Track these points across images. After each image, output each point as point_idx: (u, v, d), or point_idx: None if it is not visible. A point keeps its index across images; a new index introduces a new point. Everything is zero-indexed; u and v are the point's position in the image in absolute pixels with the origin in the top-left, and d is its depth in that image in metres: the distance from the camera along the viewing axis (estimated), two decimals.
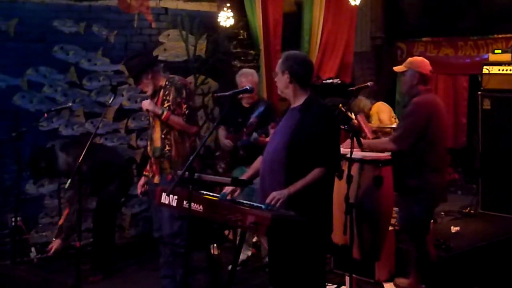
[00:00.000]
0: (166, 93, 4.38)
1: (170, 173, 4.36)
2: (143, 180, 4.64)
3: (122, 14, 6.07)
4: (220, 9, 6.57)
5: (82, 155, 4.09)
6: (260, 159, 3.64)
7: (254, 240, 5.67)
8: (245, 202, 3.43)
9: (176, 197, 3.52)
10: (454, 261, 4.96)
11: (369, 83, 4.51)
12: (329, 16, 7.28)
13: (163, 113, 4.29)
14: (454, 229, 5.65)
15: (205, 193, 3.54)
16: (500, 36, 7.65)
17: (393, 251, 4.78)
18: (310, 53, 7.15)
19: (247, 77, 5.22)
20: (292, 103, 3.55)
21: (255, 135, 4.94)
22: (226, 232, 6.01)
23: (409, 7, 8.69)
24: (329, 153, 3.37)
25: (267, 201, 3.24)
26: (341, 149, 3.57)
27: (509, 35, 7.54)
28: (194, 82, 6.56)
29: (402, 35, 8.74)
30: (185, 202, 3.38)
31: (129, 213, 6.21)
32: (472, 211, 6.42)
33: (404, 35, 8.72)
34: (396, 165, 4.37)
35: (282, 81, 3.50)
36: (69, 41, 5.76)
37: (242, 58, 6.93)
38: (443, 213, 6.23)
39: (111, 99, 4.41)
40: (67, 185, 4.24)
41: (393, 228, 4.82)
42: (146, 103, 4.34)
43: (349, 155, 4.02)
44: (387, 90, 8.71)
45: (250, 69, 5.68)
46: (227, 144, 5.28)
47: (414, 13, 8.67)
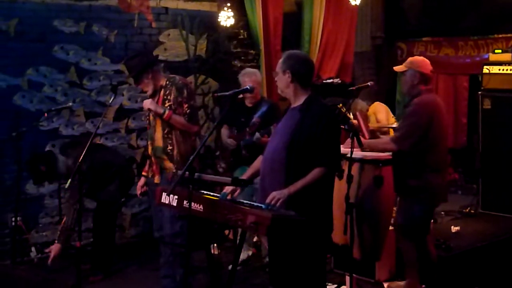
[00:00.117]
0: (167, 92, 4.37)
1: (171, 173, 4.36)
2: (142, 181, 4.63)
3: (122, 13, 6.06)
4: (220, 8, 6.57)
5: (82, 156, 4.08)
6: (260, 158, 3.64)
7: (254, 240, 5.67)
8: (245, 202, 3.43)
9: (176, 197, 3.52)
10: (454, 261, 4.96)
11: (369, 83, 4.51)
12: (330, 15, 7.28)
13: (165, 112, 4.28)
14: (454, 229, 5.65)
15: (205, 192, 3.54)
16: (500, 36, 7.65)
17: (394, 251, 4.77)
18: (310, 52, 7.15)
19: (250, 77, 5.22)
20: (292, 102, 3.54)
21: (257, 135, 4.93)
22: (226, 231, 6.01)
23: (409, 7, 8.70)
24: (330, 153, 3.37)
25: (267, 200, 3.24)
26: (341, 148, 3.57)
27: (509, 35, 7.54)
28: (194, 81, 6.56)
29: (402, 35, 8.74)
30: (185, 201, 3.38)
31: (129, 213, 6.21)
32: (472, 211, 6.43)
33: (404, 35, 8.72)
34: (396, 165, 4.36)
35: (283, 81, 3.50)
36: (69, 41, 5.76)
37: (242, 57, 6.93)
38: (443, 213, 6.23)
39: (111, 99, 4.40)
40: (67, 185, 4.23)
41: (393, 228, 4.81)
42: (147, 103, 4.33)
43: (349, 155, 4.02)
44: (387, 90, 8.71)
45: (252, 68, 5.67)
46: (230, 143, 5.27)
47: (414, 13, 8.67)
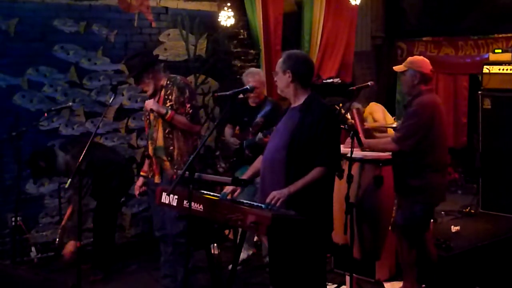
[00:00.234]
0: (168, 92, 4.37)
1: (171, 173, 4.35)
2: (140, 181, 4.63)
3: (122, 13, 6.06)
4: (220, 8, 6.57)
5: (82, 154, 4.08)
6: (260, 158, 3.64)
7: (254, 239, 5.67)
8: (245, 201, 3.43)
9: (176, 196, 3.52)
10: (454, 261, 4.96)
11: (369, 83, 4.50)
12: (330, 15, 7.28)
13: (167, 112, 4.28)
14: (454, 229, 5.65)
15: (206, 192, 3.54)
16: (500, 35, 7.66)
17: (394, 250, 4.77)
18: (310, 52, 7.16)
19: (254, 77, 5.21)
20: (292, 102, 3.55)
21: (260, 135, 4.93)
22: (226, 231, 6.01)
23: (409, 6, 8.70)
24: (330, 153, 3.37)
25: (267, 200, 3.24)
26: (341, 148, 3.57)
27: (509, 35, 7.55)
28: (194, 81, 6.55)
29: (402, 35, 8.74)
30: (185, 201, 3.38)
31: (129, 212, 6.21)
32: (472, 211, 6.43)
33: (404, 34, 8.73)
34: (396, 165, 4.36)
35: (283, 80, 3.50)
36: (69, 41, 5.75)
37: (242, 57, 6.93)
38: (443, 213, 6.24)
39: (111, 99, 4.39)
40: (67, 184, 4.23)
41: (390, 227, 4.81)
42: (150, 103, 4.32)
43: (349, 155, 4.02)
44: (387, 89, 8.72)
45: (256, 68, 5.66)
46: (233, 142, 5.27)
47: (414, 13, 8.68)
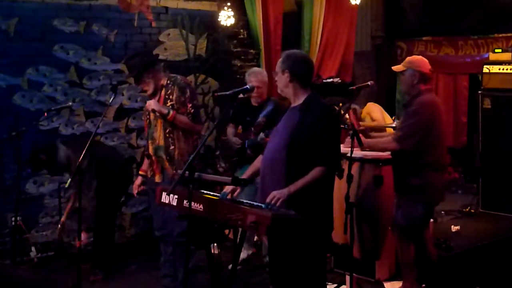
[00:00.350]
0: (168, 92, 4.37)
1: (172, 172, 4.35)
2: (139, 180, 4.63)
3: (122, 13, 6.05)
4: (220, 8, 6.56)
5: (83, 152, 4.05)
6: (260, 158, 3.64)
7: (254, 239, 5.67)
8: (245, 201, 3.43)
9: (176, 196, 3.52)
10: (454, 261, 4.95)
11: (369, 82, 4.50)
12: (330, 15, 7.28)
13: (169, 113, 4.28)
14: (454, 228, 5.65)
15: (206, 192, 3.54)
16: (500, 35, 7.66)
17: (394, 250, 4.77)
18: (310, 52, 7.16)
19: (256, 76, 5.20)
20: (292, 102, 3.55)
21: (262, 135, 4.93)
22: (226, 231, 6.01)
23: (409, 6, 8.70)
24: (329, 152, 3.37)
25: (267, 200, 3.24)
26: (341, 148, 3.57)
27: (509, 34, 7.55)
28: (194, 81, 6.55)
29: (402, 34, 8.74)
30: (185, 201, 3.38)
31: (129, 212, 6.20)
32: (472, 210, 6.43)
33: (404, 34, 8.73)
34: (397, 164, 4.36)
35: (282, 80, 3.50)
36: (69, 40, 5.75)
37: (242, 57, 6.93)
38: (443, 212, 6.24)
39: (111, 98, 4.39)
40: (67, 184, 4.23)
41: (390, 227, 4.81)
42: (152, 103, 4.31)
43: (349, 154, 4.02)
44: (387, 89, 8.72)
45: (259, 68, 5.65)
46: (235, 141, 5.27)
47: (414, 13, 8.68)
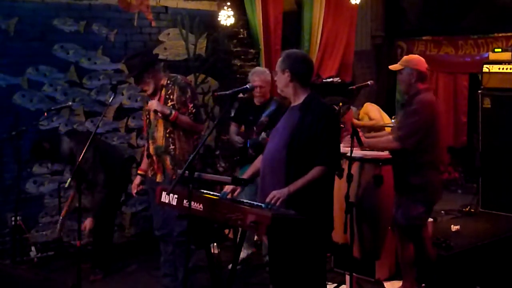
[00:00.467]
0: (168, 92, 4.37)
1: (173, 172, 4.35)
2: (138, 179, 4.62)
3: (122, 13, 6.05)
4: (220, 8, 6.56)
5: (85, 148, 4.03)
6: (260, 158, 3.64)
7: (254, 239, 5.67)
8: (245, 201, 3.43)
9: (176, 196, 3.52)
10: (454, 260, 4.95)
11: (369, 82, 4.50)
12: (330, 15, 7.28)
13: (171, 113, 4.28)
14: (454, 228, 5.65)
15: (206, 192, 3.54)
16: (500, 35, 7.66)
17: (393, 250, 4.77)
18: (310, 52, 7.15)
19: (259, 76, 5.20)
20: (292, 101, 3.55)
21: (263, 135, 4.93)
22: (226, 231, 6.01)
23: (409, 6, 8.71)
24: (329, 152, 3.37)
25: (267, 200, 3.24)
26: (341, 147, 3.58)
27: (509, 34, 7.55)
28: (194, 81, 6.55)
29: (402, 34, 8.75)
30: (185, 201, 3.38)
31: (129, 212, 6.20)
32: (472, 210, 6.43)
33: (404, 34, 8.73)
34: (397, 164, 4.36)
35: (282, 80, 3.50)
36: (69, 40, 5.75)
37: (242, 57, 6.93)
38: (443, 212, 6.24)
39: (111, 98, 4.39)
40: (67, 184, 4.22)
41: (390, 227, 4.81)
42: (153, 104, 4.31)
43: (349, 154, 4.02)
44: (387, 89, 8.73)
45: (262, 68, 5.64)
46: (238, 140, 5.27)
47: (414, 12, 8.68)
